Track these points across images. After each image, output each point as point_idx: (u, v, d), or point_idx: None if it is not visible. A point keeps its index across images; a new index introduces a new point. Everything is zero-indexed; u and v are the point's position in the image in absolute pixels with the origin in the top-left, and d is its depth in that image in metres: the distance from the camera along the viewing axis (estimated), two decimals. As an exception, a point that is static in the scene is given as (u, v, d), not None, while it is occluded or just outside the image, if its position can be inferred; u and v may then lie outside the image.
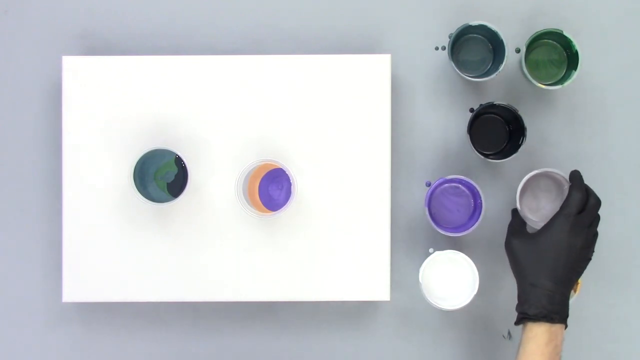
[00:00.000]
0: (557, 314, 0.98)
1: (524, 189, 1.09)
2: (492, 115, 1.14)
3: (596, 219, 1.04)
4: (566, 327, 1.01)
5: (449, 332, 1.15)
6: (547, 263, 0.99)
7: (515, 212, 1.09)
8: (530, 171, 1.09)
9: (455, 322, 1.15)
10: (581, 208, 1.02)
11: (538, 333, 0.97)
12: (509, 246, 1.04)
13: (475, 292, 1.08)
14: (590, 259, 1.03)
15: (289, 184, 1.09)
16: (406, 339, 1.16)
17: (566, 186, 1.09)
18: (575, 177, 1.04)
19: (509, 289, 1.15)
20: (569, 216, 1.00)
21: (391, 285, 1.12)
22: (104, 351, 1.16)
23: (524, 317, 1.00)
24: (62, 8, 1.16)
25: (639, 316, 1.15)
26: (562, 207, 1.02)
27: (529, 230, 1.08)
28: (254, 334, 1.16)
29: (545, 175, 1.11)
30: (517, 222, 1.08)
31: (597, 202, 1.03)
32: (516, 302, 1.12)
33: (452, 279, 1.10)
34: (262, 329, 1.16)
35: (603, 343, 1.15)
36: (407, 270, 1.15)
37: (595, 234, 1.04)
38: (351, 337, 1.16)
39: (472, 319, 1.15)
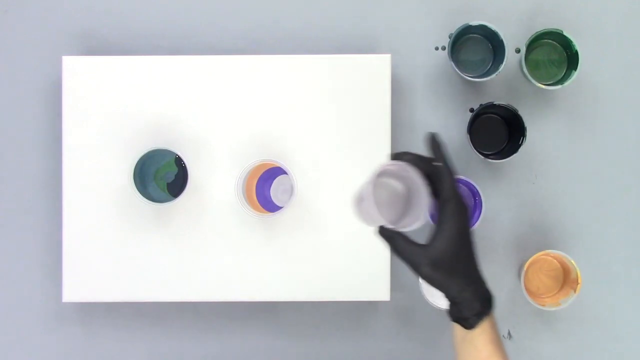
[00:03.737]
0: (489, 301, 0.88)
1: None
2: (492, 115, 1.14)
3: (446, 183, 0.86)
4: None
5: (449, 332, 1.15)
6: (461, 262, 0.86)
7: (385, 232, 0.87)
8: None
9: (455, 322, 1.15)
10: (453, 189, 0.85)
11: (485, 325, 0.88)
12: (427, 275, 0.86)
13: (475, 292, 1.08)
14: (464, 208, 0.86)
15: (288, 184, 1.09)
16: (406, 339, 1.16)
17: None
18: (434, 149, 0.86)
19: (509, 289, 1.15)
20: (454, 204, 0.85)
21: (391, 285, 1.12)
22: (104, 351, 1.16)
23: (480, 316, 0.87)
24: (62, 8, 1.16)
25: (639, 316, 1.16)
26: (444, 204, 0.85)
27: (412, 236, 0.87)
28: (254, 334, 1.16)
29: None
30: (401, 241, 0.86)
31: (447, 170, 0.86)
32: (515, 301, 1.13)
33: (452, 279, 1.10)
34: (262, 329, 1.16)
35: (603, 343, 1.15)
36: (407, 270, 1.15)
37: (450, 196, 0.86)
38: (351, 337, 1.16)
39: (472, 319, 1.15)
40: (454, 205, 0.85)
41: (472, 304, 0.87)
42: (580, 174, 1.15)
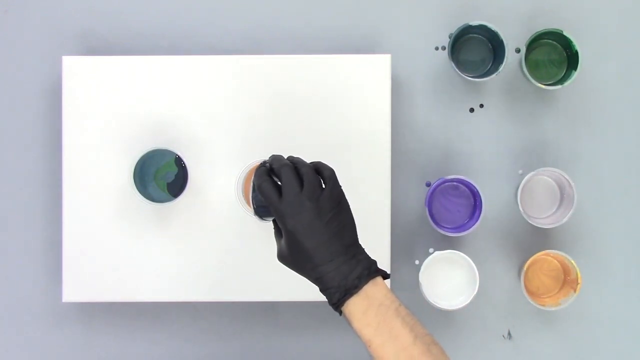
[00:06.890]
0: (353, 283, 0.88)
1: (523, 189, 1.09)
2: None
3: (290, 180, 0.89)
4: (384, 276, 0.90)
5: (449, 332, 1.15)
6: (309, 253, 0.89)
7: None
8: (529, 171, 1.09)
9: (455, 322, 1.15)
10: (275, 195, 0.89)
11: (351, 310, 0.88)
12: (280, 260, 0.94)
13: (475, 292, 1.08)
14: (343, 208, 0.91)
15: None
16: (406, 339, 1.15)
17: (567, 186, 1.09)
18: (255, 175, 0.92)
19: (509, 289, 1.15)
20: (278, 207, 0.89)
21: (391, 285, 1.12)
22: (104, 351, 1.16)
23: (336, 307, 0.90)
24: (62, 8, 1.16)
25: (639, 316, 1.15)
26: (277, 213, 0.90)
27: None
28: (254, 334, 1.16)
29: (544, 175, 1.12)
30: (277, 230, 0.95)
31: (278, 169, 0.91)
32: (515, 301, 1.12)
33: (452, 279, 1.10)
34: (262, 329, 1.16)
35: (603, 343, 1.15)
36: (407, 270, 1.15)
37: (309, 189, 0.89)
38: (351, 337, 1.15)
39: (472, 319, 1.15)
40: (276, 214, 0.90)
41: (328, 294, 0.90)
42: (580, 174, 1.15)
